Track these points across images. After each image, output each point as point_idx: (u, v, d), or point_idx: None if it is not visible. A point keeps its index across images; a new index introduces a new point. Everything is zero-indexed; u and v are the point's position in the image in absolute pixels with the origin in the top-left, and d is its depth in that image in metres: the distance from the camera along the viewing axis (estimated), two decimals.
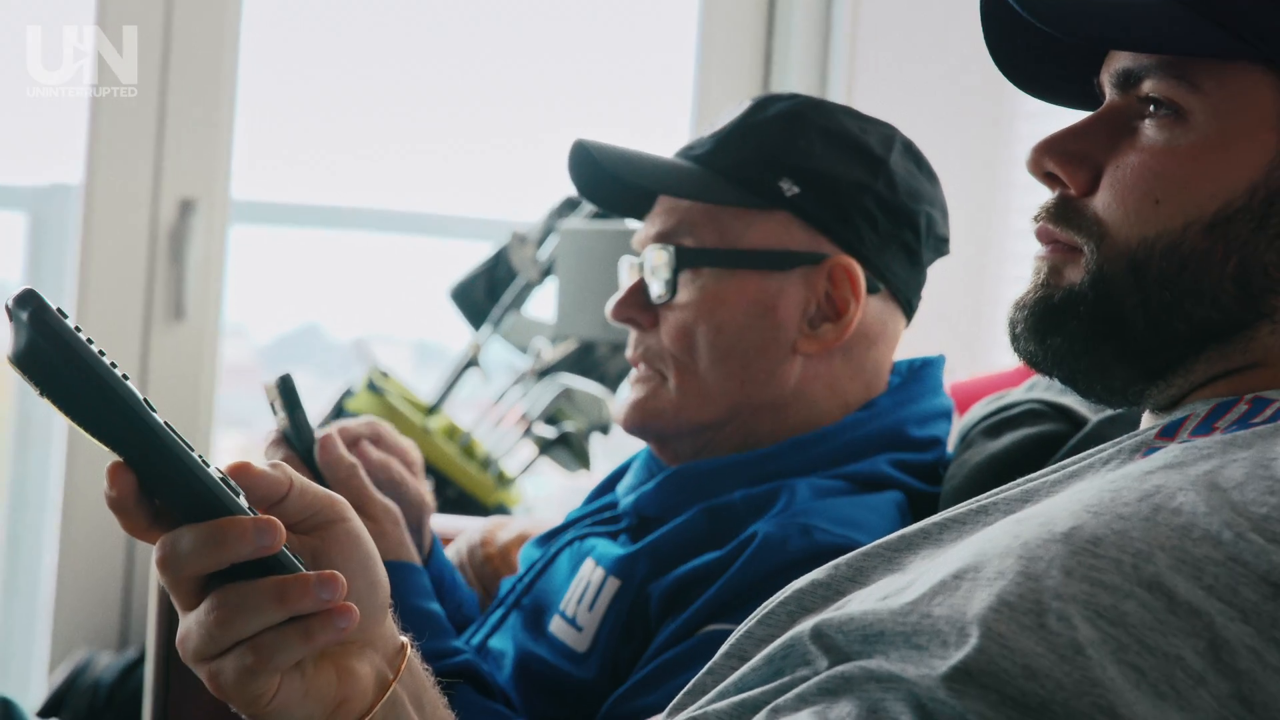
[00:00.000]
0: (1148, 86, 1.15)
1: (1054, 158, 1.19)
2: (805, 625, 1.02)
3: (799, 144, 1.66)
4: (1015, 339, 1.20)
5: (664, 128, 4.13)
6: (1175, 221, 1.12)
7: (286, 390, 1.57)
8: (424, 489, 1.77)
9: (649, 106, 4.20)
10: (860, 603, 1.04)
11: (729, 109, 1.73)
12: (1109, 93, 1.20)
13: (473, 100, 4.16)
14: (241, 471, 1.05)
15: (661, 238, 1.68)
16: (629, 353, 1.72)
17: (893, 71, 3.82)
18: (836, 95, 3.77)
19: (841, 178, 1.65)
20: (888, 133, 1.70)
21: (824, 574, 1.12)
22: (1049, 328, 1.17)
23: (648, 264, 1.69)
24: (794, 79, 3.85)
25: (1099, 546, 0.96)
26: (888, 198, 1.66)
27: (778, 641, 1.04)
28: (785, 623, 1.10)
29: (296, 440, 1.59)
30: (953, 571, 0.99)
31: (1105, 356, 1.16)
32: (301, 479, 1.07)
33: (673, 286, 1.65)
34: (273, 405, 1.60)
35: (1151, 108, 1.15)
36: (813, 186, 1.64)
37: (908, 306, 1.71)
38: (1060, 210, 1.19)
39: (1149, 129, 1.15)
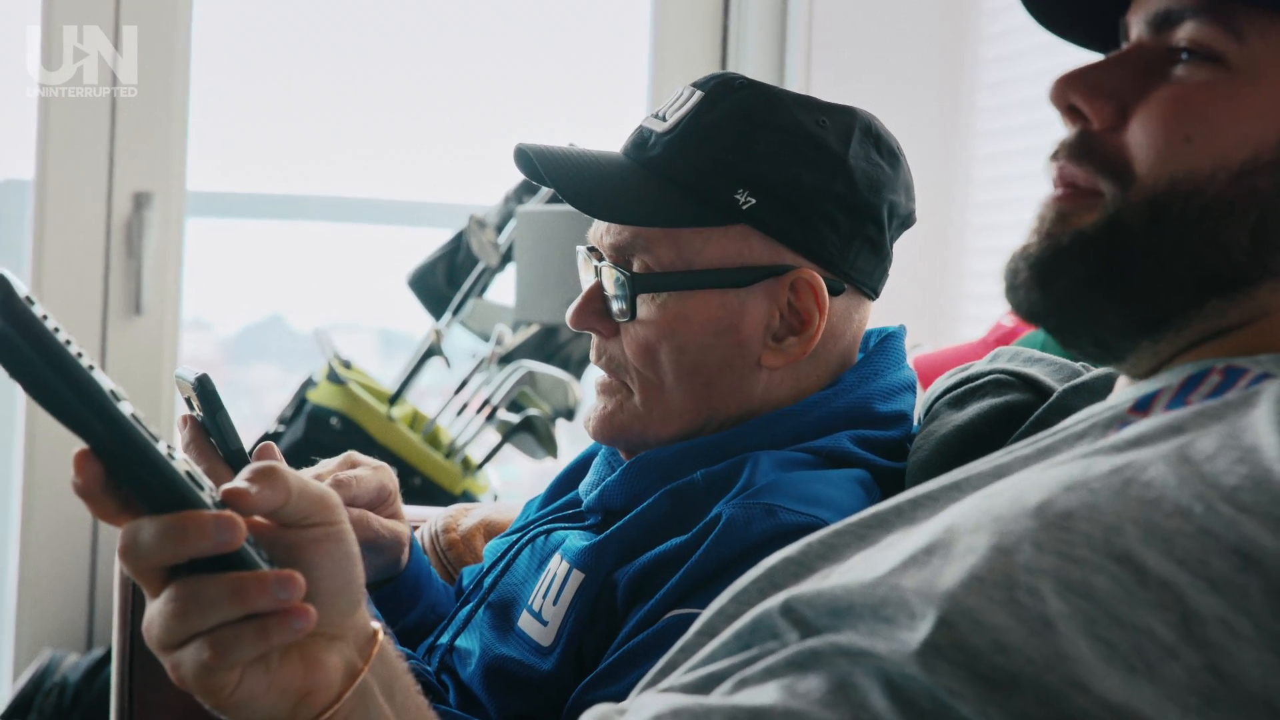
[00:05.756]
0: (1187, 30, 1.11)
1: (1080, 90, 1.14)
2: (775, 600, 1.01)
3: (754, 150, 1.61)
4: (1014, 289, 1.16)
5: (619, 113, 4.12)
6: (1204, 164, 1.09)
7: (206, 393, 1.48)
8: (399, 525, 1.76)
9: (604, 93, 4.19)
10: (830, 577, 1.03)
11: (681, 94, 1.67)
12: (1139, 31, 1.16)
13: (431, 86, 4.14)
14: (265, 474, 1.04)
15: (616, 253, 1.64)
16: (593, 356, 1.70)
17: (851, 44, 3.82)
18: (795, 70, 3.76)
19: (799, 183, 1.60)
20: (845, 121, 1.64)
21: (796, 551, 1.11)
22: (1055, 272, 1.14)
23: (605, 277, 1.66)
24: (751, 55, 3.84)
25: (1069, 520, 0.95)
26: (848, 197, 1.62)
27: (747, 616, 1.03)
28: (756, 599, 1.09)
29: (220, 443, 1.53)
30: (923, 545, 0.98)
31: (1104, 304, 1.13)
32: (301, 480, 1.06)
33: (631, 308, 1.63)
34: (188, 401, 1.54)
35: (1185, 55, 1.11)
36: (770, 196, 1.60)
37: (873, 293, 1.69)
38: (1082, 147, 1.15)
39: (1182, 71, 1.11)
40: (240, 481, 1.04)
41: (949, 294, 3.76)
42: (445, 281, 3.59)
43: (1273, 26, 1.08)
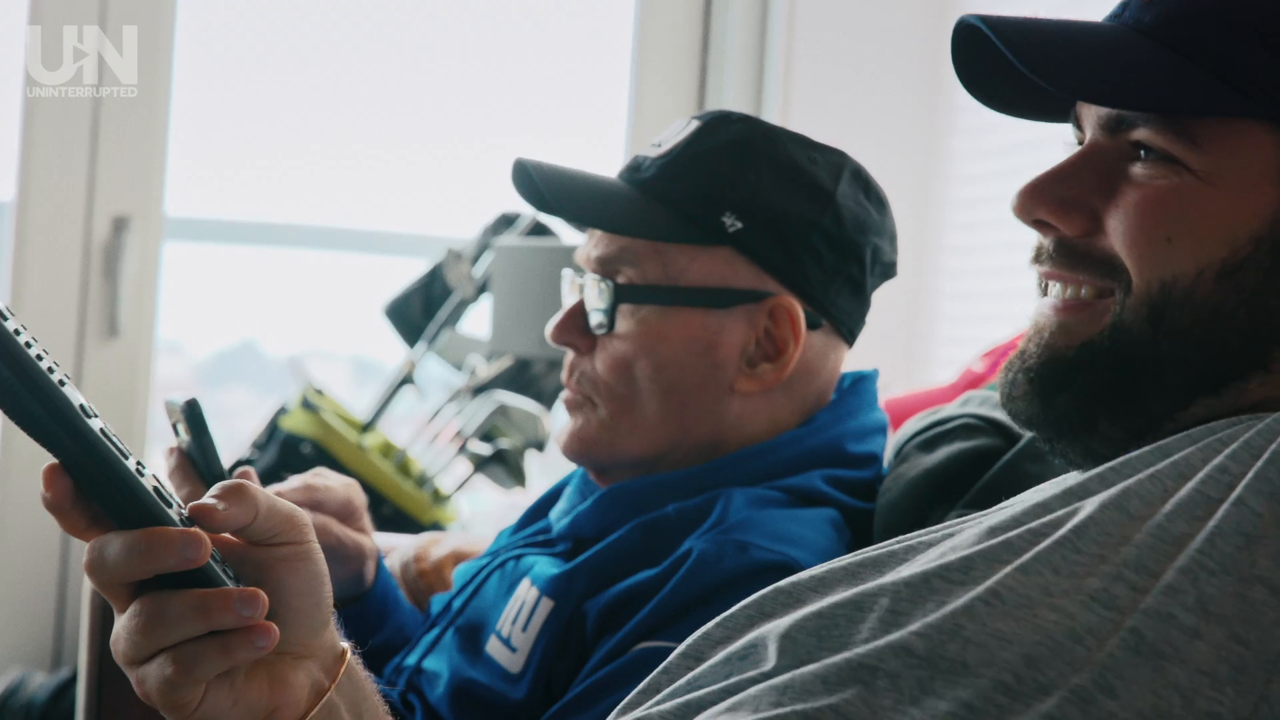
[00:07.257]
0: (1140, 135, 1.13)
1: (1044, 205, 1.16)
2: (776, 625, 1.04)
3: (746, 177, 1.64)
4: (1012, 399, 1.17)
5: (599, 143, 4.13)
6: (1188, 265, 1.10)
7: (194, 416, 1.50)
8: (362, 538, 1.75)
9: (584, 122, 4.20)
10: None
11: (678, 125, 1.71)
12: (1092, 131, 1.17)
13: (408, 115, 4.15)
14: (234, 492, 1.04)
15: (602, 266, 1.66)
16: (564, 375, 1.71)
17: (828, 86, 3.84)
18: (772, 109, 3.78)
19: (787, 213, 1.63)
20: (837, 161, 1.68)
21: (787, 583, 1.13)
22: (1057, 387, 1.15)
23: (588, 290, 1.68)
24: (730, 90, 3.86)
25: (1082, 541, 1.01)
26: (834, 233, 1.64)
27: (741, 641, 1.05)
28: (744, 626, 1.11)
29: (204, 467, 1.54)
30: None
31: (1103, 418, 1.14)
32: (270, 498, 1.06)
33: (610, 320, 1.65)
34: (175, 426, 1.55)
35: (1142, 153, 1.13)
36: (757, 222, 1.63)
37: (850, 335, 1.71)
38: (1066, 254, 1.16)
39: (1142, 170, 1.13)
40: (208, 498, 1.04)
41: (920, 337, 3.78)
42: (421, 312, 3.60)
43: (1224, 130, 1.10)
